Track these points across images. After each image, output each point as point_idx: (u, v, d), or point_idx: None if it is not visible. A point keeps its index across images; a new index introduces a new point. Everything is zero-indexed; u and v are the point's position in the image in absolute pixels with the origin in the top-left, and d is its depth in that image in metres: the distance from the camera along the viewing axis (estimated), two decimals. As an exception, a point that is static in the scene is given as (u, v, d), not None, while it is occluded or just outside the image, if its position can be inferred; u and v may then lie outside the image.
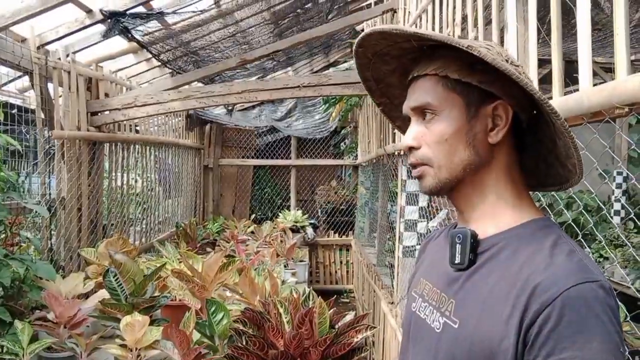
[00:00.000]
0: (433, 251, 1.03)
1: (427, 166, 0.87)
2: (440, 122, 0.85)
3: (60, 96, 3.58)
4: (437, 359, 0.85)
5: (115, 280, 2.53)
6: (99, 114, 3.82)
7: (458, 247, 0.86)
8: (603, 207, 2.68)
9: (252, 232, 5.75)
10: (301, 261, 4.92)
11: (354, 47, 0.94)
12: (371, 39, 0.89)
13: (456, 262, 0.86)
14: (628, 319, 1.47)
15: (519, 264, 0.78)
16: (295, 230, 6.68)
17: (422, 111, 0.87)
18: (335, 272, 7.60)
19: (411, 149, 0.88)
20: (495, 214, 0.87)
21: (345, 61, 7.40)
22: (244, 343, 1.96)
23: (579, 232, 1.39)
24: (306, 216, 7.26)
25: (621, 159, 5.06)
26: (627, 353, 0.74)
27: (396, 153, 3.75)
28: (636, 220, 4.57)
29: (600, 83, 1.25)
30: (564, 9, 1.50)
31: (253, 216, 7.46)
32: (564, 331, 0.70)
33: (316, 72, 7.29)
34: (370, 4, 5.03)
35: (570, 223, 1.59)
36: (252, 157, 7.97)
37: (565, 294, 0.71)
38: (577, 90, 1.33)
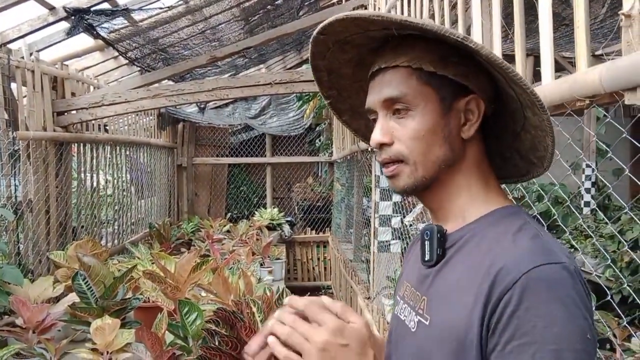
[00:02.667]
0: (415, 251, 0.98)
1: (402, 164, 0.82)
2: (415, 117, 0.81)
3: (25, 96, 3.49)
4: (415, 357, 0.83)
5: (85, 283, 2.48)
6: (66, 113, 3.73)
7: (427, 244, 0.84)
8: (567, 199, 2.73)
9: (228, 231, 5.70)
10: (278, 259, 4.90)
11: (315, 33, 0.86)
12: (342, 24, 0.83)
13: (426, 259, 0.84)
14: (593, 308, 1.49)
15: (483, 252, 0.76)
16: (271, 228, 6.65)
17: (392, 105, 0.82)
18: (313, 268, 7.60)
19: (382, 145, 0.83)
20: (466, 209, 0.85)
21: (319, 58, 7.38)
22: (217, 343, 1.94)
23: (543, 223, 1.41)
24: (282, 214, 7.24)
25: (590, 151, 5.18)
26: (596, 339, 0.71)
27: (369, 149, 3.75)
28: (604, 210, 4.68)
29: (570, 75, 1.27)
30: (530, 4, 1.52)
31: (229, 215, 7.41)
32: (524, 315, 0.67)
33: (289, 69, 7.26)
34: (341, 0, 5.03)
35: (540, 215, 1.61)
36: (227, 156, 7.91)
37: (526, 277, 0.68)
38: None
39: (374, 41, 0.87)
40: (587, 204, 4.90)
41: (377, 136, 0.83)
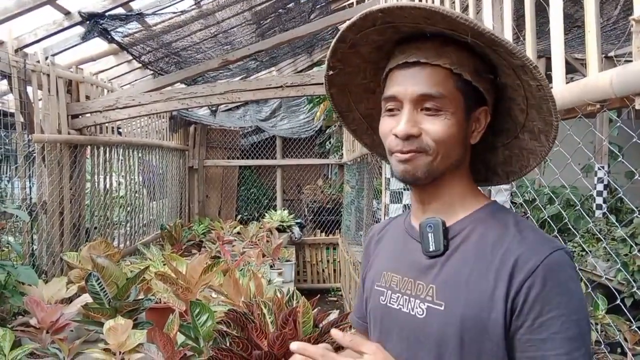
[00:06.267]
0: (389, 245, 1.05)
1: (422, 154, 0.87)
2: (447, 119, 0.86)
3: (40, 99, 3.54)
4: (425, 342, 0.88)
5: (98, 284, 2.51)
6: (80, 116, 3.78)
7: (430, 236, 0.90)
8: (578, 202, 2.72)
9: (239, 233, 5.73)
10: (288, 261, 4.92)
11: (374, 9, 0.84)
12: (418, 13, 0.82)
13: (431, 250, 0.90)
14: (603, 312, 1.49)
15: (490, 244, 0.86)
16: (281, 230, 6.67)
17: (424, 101, 0.86)
18: (323, 270, 7.61)
19: (410, 136, 0.86)
20: (457, 204, 0.93)
21: (329, 60, 7.38)
22: (228, 344, 1.96)
23: (554, 227, 1.41)
24: (292, 216, 7.25)
25: (602, 154, 5.13)
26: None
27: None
28: (617, 213, 4.64)
29: (581, 79, 1.27)
30: (542, 7, 1.52)
31: (239, 217, 7.44)
32: (548, 295, 0.79)
33: (300, 71, 7.28)
34: (352, 3, 5.05)
35: (552, 218, 1.61)
36: (238, 158, 7.94)
37: (545, 262, 0.80)
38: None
39: (401, 33, 0.90)
40: (599, 206, 4.85)
41: (406, 128, 0.86)
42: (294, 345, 0.80)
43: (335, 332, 0.82)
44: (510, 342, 0.82)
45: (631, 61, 1.07)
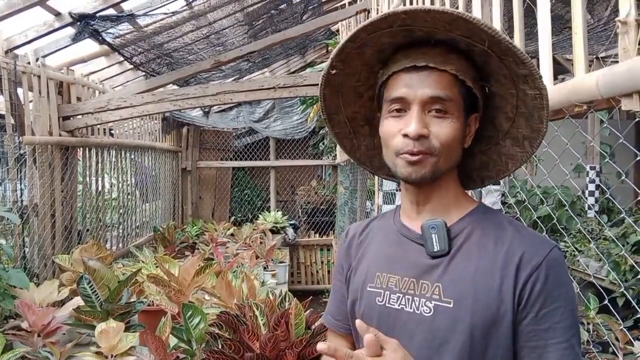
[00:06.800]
0: (378, 246, 1.05)
1: (429, 155, 0.91)
2: (453, 122, 0.91)
3: (31, 101, 3.52)
4: (433, 339, 0.90)
5: (90, 287, 2.50)
6: (71, 118, 3.76)
7: (434, 237, 0.93)
8: (567, 203, 2.73)
9: (232, 235, 5.71)
10: (281, 262, 4.91)
11: (399, 10, 0.86)
12: (443, 17, 0.84)
13: (435, 250, 0.93)
14: (594, 311, 1.50)
15: (492, 243, 0.92)
16: (275, 231, 6.66)
17: (433, 103, 0.90)
18: (317, 272, 7.61)
19: (420, 137, 0.90)
20: (452, 205, 0.98)
21: (322, 62, 7.41)
22: (220, 347, 1.95)
23: (543, 227, 1.41)
24: (286, 217, 7.25)
25: (594, 154, 5.16)
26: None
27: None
28: (609, 212, 4.66)
29: (568, 80, 1.28)
30: (531, 8, 1.53)
31: (233, 218, 7.42)
32: (551, 288, 0.87)
33: (293, 72, 7.29)
34: (345, 4, 5.06)
35: (544, 218, 1.62)
36: (231, 159, 7.93)
37: (547, 259, 0.88)
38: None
39: (412, 37, 0.94)
40: (590, 207, 4.88)
41: (417, 128, 0.90)
42: (322, 346, 0.80)
43: (360, 324, 0.84)
44: (514, 333, 0.88)
45: (617, 62, 1.08)
